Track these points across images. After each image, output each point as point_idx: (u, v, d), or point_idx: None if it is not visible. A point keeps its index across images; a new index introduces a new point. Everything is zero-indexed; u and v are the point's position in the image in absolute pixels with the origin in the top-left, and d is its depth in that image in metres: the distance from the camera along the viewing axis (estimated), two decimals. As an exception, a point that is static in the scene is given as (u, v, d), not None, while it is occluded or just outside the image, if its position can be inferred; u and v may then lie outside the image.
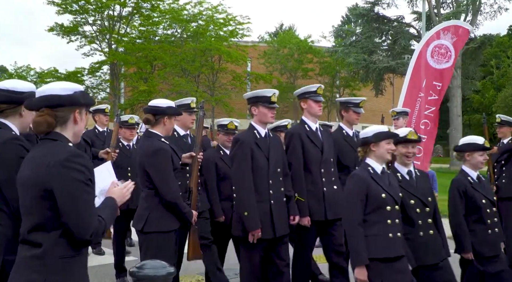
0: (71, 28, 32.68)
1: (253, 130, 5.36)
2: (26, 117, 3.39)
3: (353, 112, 6.24)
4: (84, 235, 2.69)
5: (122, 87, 36.22)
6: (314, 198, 5.60)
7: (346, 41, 38.63)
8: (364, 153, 4.58)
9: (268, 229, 5.19)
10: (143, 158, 4.87)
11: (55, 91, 2.78)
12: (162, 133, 4.98)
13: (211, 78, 36.04)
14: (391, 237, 4.34)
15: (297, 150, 5.62)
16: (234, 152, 5.30)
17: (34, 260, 2.67)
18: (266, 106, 5.31)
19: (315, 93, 5.77)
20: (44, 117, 2.74)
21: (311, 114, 5.80)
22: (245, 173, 5.15)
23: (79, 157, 2.74)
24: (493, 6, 34.90)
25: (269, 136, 5.43)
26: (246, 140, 5.25)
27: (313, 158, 5.64)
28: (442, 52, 9.81)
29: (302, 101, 5.83)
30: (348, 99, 6.52)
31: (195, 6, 34.00)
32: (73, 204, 2.66)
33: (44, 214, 2.68)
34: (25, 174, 2.75)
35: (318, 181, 5.63)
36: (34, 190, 2.68)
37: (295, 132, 5.74)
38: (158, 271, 3.26)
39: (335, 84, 42.11)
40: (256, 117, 5.38)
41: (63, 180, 2.65)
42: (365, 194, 4.36)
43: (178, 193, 4.90)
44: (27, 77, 38.22)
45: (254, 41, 40.23)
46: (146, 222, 4.81)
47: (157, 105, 4.99)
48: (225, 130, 6.62)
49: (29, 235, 2.70)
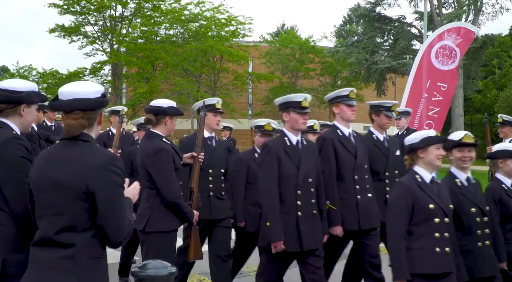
0: (72, 28, 32.71)
1: (284, 137, 5.12)
2: (26, 117, 3.36)
3: (385, 116, 5.99)
4: (118, 237, 2.78)
5: (124, 87, 36.23)
6: (347, 207, 5.37)
7: (347, 41, 38.58)
8: (412, 160, 4.32)
9: (294, 242, 4.92)
10: (144, 158, 4.87)
11: (89, 94, 2.80)
12: (164, 134, 4.98)
13: (213, 78, 36.05)
14: (438, 251, 4.08)
15: (330, 155, 5.40)
16: (261, 158, 5.17)
17: (65, 260, 2.66)
18: (297, 111, 5.06)
19: (348, 97, 5.58)
20: (79, 120, 2.77)
21: (344, 119, 5.59)
22: (270, 181, 4.94)
23: (117, 160, 2.81)
24: (495, 6, 34.85)
25: (302, 144, 5.14)
26: (274, 147, 5.02)
27: (346, 164, 5.42)
28: (446, 53, 9.81)
29: (334, 105, 5.62)
30: (380, 102, 6.25)
31: (197, 6, 34.02)
32: (112, 208, 2.73)
33: (79, 215, 2.70)
34: (53, 175, 2.73)
35: (351, 189, 5.41)
36: (70, 191, 2.69)
37: (327, 137, 5.52)
38: (160, 271, 3.25)
39: (337, 84, 42.07)
40: (287, 123, 5.14)
41: (105, 183, 2.70)
42: (412, 204, 4.11)
43: (179, 193, 4.90)
44: (29, 78, 38.22)
45: (256, 41, 40.21)
46: (147, 222, 4.81)
47: (158, 105, 4.99)
48: (262, 132, 6.37)
49: (58, 235, 2.69)
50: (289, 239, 4.89)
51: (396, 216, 4.15)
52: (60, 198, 2.71)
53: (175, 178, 4.88)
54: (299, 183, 4.97)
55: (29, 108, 3.37)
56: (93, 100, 2.81)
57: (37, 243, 2.76)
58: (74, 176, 2.69)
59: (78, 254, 2.68)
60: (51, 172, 2.74)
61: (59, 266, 2.67)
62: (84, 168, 2.70)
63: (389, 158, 5.89)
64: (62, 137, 2.85)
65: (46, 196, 2.76)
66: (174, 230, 4.92)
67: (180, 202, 4.86)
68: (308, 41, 41.00)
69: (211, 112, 5.86)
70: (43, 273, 2.69)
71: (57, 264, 2.67)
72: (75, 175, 2.69)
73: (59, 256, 2.67)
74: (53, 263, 2.68)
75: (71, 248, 2.68)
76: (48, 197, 2.75)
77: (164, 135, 4.98)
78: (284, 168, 4.95)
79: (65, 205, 2.70)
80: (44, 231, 2.74)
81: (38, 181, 2.79)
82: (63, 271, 2.66)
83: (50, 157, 2.82)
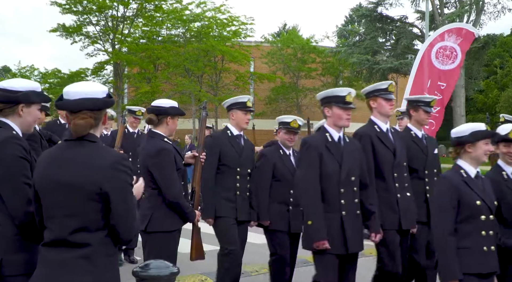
0: (74, 28, 32.71)
1: (325, 133, 4.88)
2: (25, 117, 3.32)
3: (424, 112, 5.71)
4: (129, 235, 2.84)
5: (126, 87, 36.24)
6: (387, 206, 5.15)
7: (349, 41, 38.55)
8: (457, 154, 4.12)
9: (339, 243, 4.68)
10: (146, 158, 4.88)
11: (96, 94, 2.82)
12: (165, 134, 4.98)
13: (214, 78, 36.03)
14: (485, 250, 3.91)
15: (368, 153, 5.14)
16: (301, 155, 4.97)
17: (80, 260, 2.68)
18: (340, 107, 4.83)
19: (386, 90, 5.36)
20: (87, 120, 2.77)
21: (382, 114, 5.35)
22: (311, 178, 4.70)
23: (126, 160, 2.85)
24: (497, 6, 34.79)
25: (344, 141, 4.91)
26: (315, 143, 4.80)
27: (385, 162, 5.19)
28: (447, 53, 9.81)
29: (372, 99, 5.39)
30: (418, 97, 6.03)
31: (198, 6, 34.01)
32: (124, 207, 2.77)
33: (92, 216, 2.72)
34: (62, 176, 2.73)
35: (391, 187, 5.19)
36: (82, 192, 2.70)
37: (364, 133, 5.26)
38: (162, 271, 3.26)
39: (338, 84, 42.05)
40: (329, 119, 4.92)
41: (117, 183, 2.74)
42: (457, 200, 3.91)
43: (181, 193, 4.90)
44: (30, 77, 38.22)
45: (257, 41, 40.18)
46: (149, 221, 4.81)
47: (160, 105, 4.99)
48: (287, 129, 6.16)
49: (73, 236, 2.70)
50: (334, 240, 4.66)
51: (442, 212, 3.95)
52: (71, 199, 2.71)
53: (177, 178, 4.89)
54: (342, 181, 4.74)
55: (29, 108, 3.32)
56: (100, 100, 2.83)
57: (49, 243, 2.77)
58: (85, 177, 2.70)
59: (94, 253, 2.70)
60: (59, 173, 2.74)
61: (74, 266, 2.68)
62: (95, 169, 2.71)
63: (428, 156, 5.67)
64: (67, 138, 2.85)
65: (54, 197, 2.76)
66: (176, 230, 4.92)
67: (181, 202, 4.86)
68: (309, 41, 40.97)
69: (241, 110, 5.85)
70: (57, 273, 2.70)
71: (71, 263, 2.68)
72: (86, 176, 2.70)
73: (74, 256, 2.69)
74: (67, 263, 2.69)
75: (86, 247, 2.70)
76: (57, 198, 2.75)
77: (166, 135, 4.99)
78: (326, 165, 4.73)
79: (77, 206, 2.71)
80: (56, 232, 2.75)
81: (44, 182, 2.79)
82: (78, 271, 2.68)
83: (57, 158, 2.82)
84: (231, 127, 5.95)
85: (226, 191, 5.77)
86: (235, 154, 5.77)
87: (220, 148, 5.76)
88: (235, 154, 5.77)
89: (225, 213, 5.76)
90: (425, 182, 5.56)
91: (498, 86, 47.69)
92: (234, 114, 5.90)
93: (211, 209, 5.72)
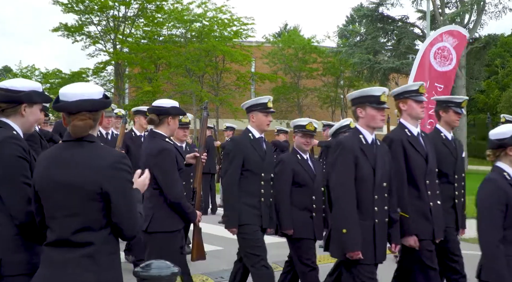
0: (76, 28, 32.76)
1: (358, 134, 4.58)
2: (28, 117, 3.33)
3: (454, 113, 5.43)
4: (133, 232, 2.87)
5: (127, 87, 36.26)
6: (420, 214, 4.85)
7: (350, 42, 38.56)
8: (496, 156, 3.91)
9: (370, 252, 4.45)
10: (147, 158, 4.87)
11: (94, 95, 2.83)
12: (166, 134, 4.98)
13: (215, 78, 36.04)
14: None
15: (399, 158, 4.84)
16: (335, 158, 4.55)
17: (83, 259, 2.71)
18: (374, 107, 4.54)
19: (417, 92, 5.04)
20: (86, 121, 2.80)
21: (412, 116, 5.05)
22: (347, 183, 4.41)
23: (125, 158, 2.87)
24: (498, 6, 34.78)
25: (376, 144, 4.63)
26: (350, 145, 4.48)
27: (418, 168, 4.89)
28: (444, 54, 9.82)
29: (401, 102, 5.08)
30: (448, 98, 5.67)
31: (199, 6, 34.03)
32: (126, 205, 2.80)
33: (94, 215, 2.75)
34: (63, 176, 2.75)
35: (424, 195, 4.89)
36: (83, 192, 2.72)
37: (395, 138, 4.95)
38: (163, 271, 3.26)
39: (339, 85, 42.05)
40: (362, 120, 4.62)
41: (118, 182, 2.77)
42: (505, 204, 3.67)
43: (182, 193, 4.90)
44: (31, 77, 38.26)
45: (259, 41, 40.18)
46: (150, 221, 4.81)
47: (161, 106, 4.99)
48: (303, 132, 5.86)
49: (75, 236, 2.73)
50: (366, 249, 4.40)
51: (490, 218, 3.70)
52: (72, 199, 2.73)
53: (178, 178, 4.89)
54: (376, 186, 4.49)
55: (31, 108, 3.33)
56: (98, 101, 2.85)
57: (52, 243, 2.79)
58: (85, 177, 2.72)
59: (96, 252, 2.73)
60: (59, 174, 2.76)
61: (77, 265, 2.70)
62: (95, 169, 2.73)
63: (458, 159, 5.39)
64: (65, 139, 2.87)
65: (55, 197, 2.77)
66: (177, 230, 4.92)
67: (182, 202, 4.86)
68: (310, 41, 40.97)
69: (261, 112, 5.51)
70: (60, 273, 2.72)
71: (75, 263, 2.70)
72: (87, 176, 2.72)
73: (77, 255, 2.71)
74: (70, 262, 2.71)
75: (89, 246, 2.73)
76: (57, 198, 2.76)
77: (167, 135, 4.99)
78: (361, 169, 4.45)
79: (79, 206, 2.73)
80: (59, 232, 2.76)
81: (44, 182, 2.80)
82: (82, 270, 2.70)
83: (56, 158, 2.83)
84: (252, 130, 5.56)
85: (250, 198, 5.40)
86: (258, 158, 5.44)
87: (243, 152, 5.41)
88: (258, 158, 5.44)
89: (249, 221, 5.38)
90: (454, 187, 5.33)
91: (499, 86, 47.69)
92: (255, 117, 5.52)
93: (235, 218, 5.35)
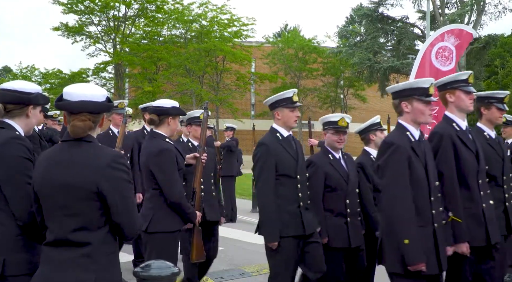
0: (76, 28, 32.79)
1: (405, 131, 4.12)
2: (32, 119, 3.38)
3: (497, 109, 5.04)
4: (133, 232, 2.89)
5: (127, 87, 36.28)
6: (473, 218, 4.38)
7: (350, 42, 38.56)
8: None
9: (433, 261, 3.96)
10: (148, 158, 4.87)
11: (97, 97, 2.87)
12: (167, 134, 4.98)
13: (215, 78, 36.08)
14: None
15: (449, 156, 4.37)
16: (386, 158, 4.00)
17: (83, 259, 2.73)
18: (422, 100, 4.09)
19: (466, 82, 4.61)
20: (87, 122, 2.83)
21: (461, 109, 4.61)
22: (403, 187, 3.92)
23: (122, 158, 2.90)
24: (498, 7, 34.77)
25: (422, 140, 4.20)
26: (403, 144, 4.00)
27: (469, 167, 4.42)
28: (446, 54, 9.80)
29: (448, 92, 4.59)
30: (490, 93, 5.25)
31: (200, 7, 34.06)
32: (125, 204, 2.82)
33: (92, 214, 2.77)
34: (61, 177, 2.77)
35: (476, 196, 4.43)
36: (80, 192, 2.75)
37: (445, 133, 4.43)
38: (163, 271, 3.25)
39: (339, 85, 42.06)
40: (407, 115, 4.16)
41: (114, 181, 2.79)
42: None
43: (182, 194, 4.89)
44: (31, 78, 38.29)
45: (259, 41, 40.21)
46: (150, 222, 4.80)
47: (161, 106, 4.99)
48: (335, 129, 5.34)
49: (74, 235, 2.75)
50: (429, 258, 3.93)
51: None
52: (70, 199, 2.76)
53: (178, 178, 4.89)
54: (431, 187, 4.06)
55: (35, 110, 3.39)
56: (101, 104, 2.89)
57: (51, 243, 2.80)
58: (83, 177, 2.75)
59: (95, 251, 2.75)
60: (58, 174, 2.79)
61: (76, 265, 2.72)
62: (92, 169, 2.76)
63: (504, 159, 4.93)
64: (64, 139, 2.90)
65: (54, 197, 2.79)
66: (177, 231, 4.92)
67: (182, 203, 4.85)
68: (310, 41, 40.99)
69: (287, 108, 5.03)
70: (59, 272, 2.73)
71: (74, 262, 2.73)
72: (84, 176, 2.75)
73: (76, 254, 2.73)
74: (69, 262, 2.73)
75: (87, 246, 2.75)
76: (57, 198, 2.78)
77: (167, 135, 4.99)
78: (415, 170, 4.00)
79: (77, 206, 2.75)
80: (58, 232, 2.79)
81: (43, 183, 2.82)
82: (81, 269, 2.72)
83: (55, 159, 2.86)
84: (279, 128, 5.06)
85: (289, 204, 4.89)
86: (290, 158, 4.94)
87: (276, 156, 4.89)
88: (291, 159, 4.94)
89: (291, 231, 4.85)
90: (504, 189, 4.84)
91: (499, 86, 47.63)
92: (280, 113, 5.04)
93: (276, 230, 4.80)
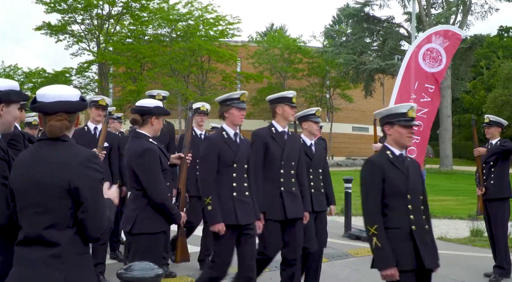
0: (59, 27, 32.62)
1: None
2: (5, 117, 3.29)
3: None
4: (96, 233, 2.86)
5: (111, 87, 36.16)
6: None
7: (336, 42, 38.71)
8: None
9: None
10: (131, 158, 4.82)
11: (71, 97, 2.92)
12: (150, 134, 4.92)
13: (201, 78, 36.05)
14: None
15: None
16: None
17: (52, 259, 2.74)
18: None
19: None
20: (63, 122, 2.87)
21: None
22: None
23: (96, 158, 2.94)
24: (484, 7, 35.16)
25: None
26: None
27: None
28: (433, 56, 9.83)
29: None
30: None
31: (185, 6, 34.00)
32: (94, 203, 2.82)
33: (63, 213, 2.78)
34: (35, 175, 2.79)
35: None
36: (53, 189, 2.76)
37: None
38: (147, 272, 3.22)
39: (325, 85, 42.19)
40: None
41: (87, 179, 2.80)
42: None
43: (166, 194, 4.85)
44: (14, 77, 38.05)
45: (244, 41, 40.24)
46: (134, 223, 4.75)
47: (144, 105, 4.93)
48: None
49: (43, 234, 2.76)
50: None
51: None
52: (42, 197, 2.76)
53: (162, 179, 4.84)
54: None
55: (8, 108, 3.31)
56: (75, 103, 2.93)
57: (22, 242, 2.81)
58: (56, 174, 2.76)
59: (64, 251, 2.75)
60: (33, 172, 2.80)
61: (46, 265, 2.73)
62: (65, 166, 2.78)
63: None
64: (40, 138, 2.92)
65: (28, 195, 2.80)
66: (161, 232, 4.87)
67: (167, 203, 4.81)
68: (295, 41, 41.08)
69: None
70: (30, 272, 2.74)
71: (43, 262, 2.73)
72: (57, 173, 2.76)
73: (45, 254, 2.73)
74: (39, 261, 2.74)
75: (56, 246, 2.74)
76: (30, 196, 2.79)
77: (150, 135, 4.93)
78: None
79: (48, 204, 2.76)
80: (28, 230, 2.80)
81: (19, 182, 2.84)
82: (52, 270, 2.72)
83: (30, 157, 2.87)
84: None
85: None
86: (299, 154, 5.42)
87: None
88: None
89: None
90: None
91: (485, 86, 48.09)
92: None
93: None
